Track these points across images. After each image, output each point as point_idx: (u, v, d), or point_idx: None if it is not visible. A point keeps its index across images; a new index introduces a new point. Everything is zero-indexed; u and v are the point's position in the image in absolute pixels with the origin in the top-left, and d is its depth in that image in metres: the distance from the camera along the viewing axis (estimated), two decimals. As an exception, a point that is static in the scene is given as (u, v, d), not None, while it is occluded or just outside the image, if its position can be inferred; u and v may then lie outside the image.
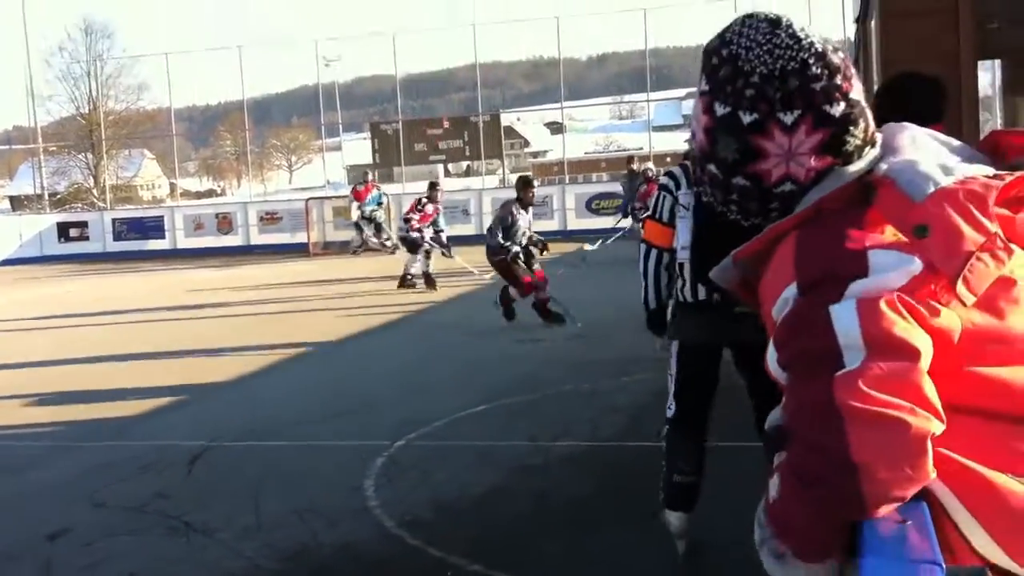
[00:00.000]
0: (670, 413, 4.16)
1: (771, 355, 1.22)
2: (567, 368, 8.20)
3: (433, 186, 14.82)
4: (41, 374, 9.36)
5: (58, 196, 36.22)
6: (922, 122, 1.41)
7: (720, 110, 1.33)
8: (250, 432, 6.70)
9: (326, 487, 5.44)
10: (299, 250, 23.74)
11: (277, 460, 6.05)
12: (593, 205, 23.16)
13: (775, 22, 1.32)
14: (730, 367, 4.16)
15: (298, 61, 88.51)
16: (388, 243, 21.44)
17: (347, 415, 7.08)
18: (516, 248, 10.42)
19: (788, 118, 1.28)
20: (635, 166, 18.73)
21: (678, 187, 4.07)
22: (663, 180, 4.20)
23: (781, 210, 1.34)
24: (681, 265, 4.05)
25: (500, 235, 10.46)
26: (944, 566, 0.91)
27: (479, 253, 19.71)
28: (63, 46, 41.79)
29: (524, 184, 10.92)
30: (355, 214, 22.02)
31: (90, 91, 40.46)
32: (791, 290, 1.20)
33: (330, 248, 23.63)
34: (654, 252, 4.19)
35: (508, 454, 5.85)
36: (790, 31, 1.31)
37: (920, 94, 3.21)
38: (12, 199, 56.15)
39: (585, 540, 4.44)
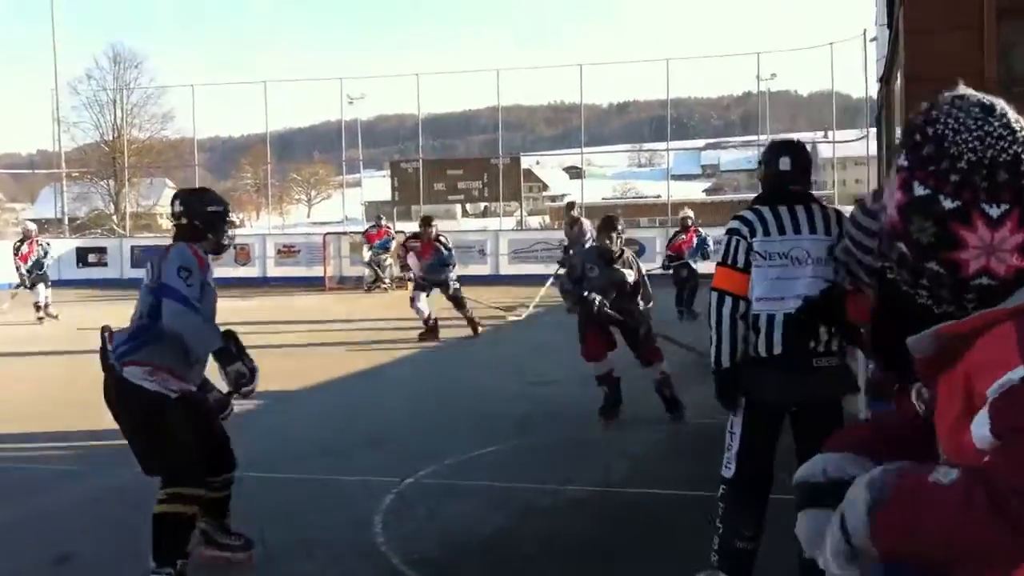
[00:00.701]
0: (728, 474, 3.90)
1: (981, 422, 1.24)
2: (578, 411, 8.19)
3: (427, 221, 13.62)
4: (55, 398, 9.40)
5: (78, 221, 36.53)
6: None
7: (919, 190, 1.28)
8: (260, 464, 6.69)
9: (334, 522, 5.45)
10: (315, 283, 23.85)
11: (286, 493, 6.07)
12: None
13: (989, 108, 1.27)
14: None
15: (322, 97, 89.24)
16: (385, 284, 22.52)
17: (357, 450, 7.09)
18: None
19: (994, 211, 1.24)
20: (575, 212, 17.01)
21: (753, 233, 3.80)
22: (734, 224, 3.88)
23: (978, 302, 1.30)
24: (756, 317, 3.79)
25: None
26: None
27: (491, 292, 19.79)
28: (91, 74, 42.48)
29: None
30: (367, 254, 22.91)
31: (115, 119, 41.04)
32: (1017, 372, 1.21)
33: (345, 283, 23.78)
34: (729, 300, 3.80)
35: (517, 496, 5.85)
36: (1004, 120, 1.26)
37: None
38: (34, 222, 56.63)
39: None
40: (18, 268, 16.62)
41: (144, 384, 4.35)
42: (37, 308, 16.65)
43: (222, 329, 4.46)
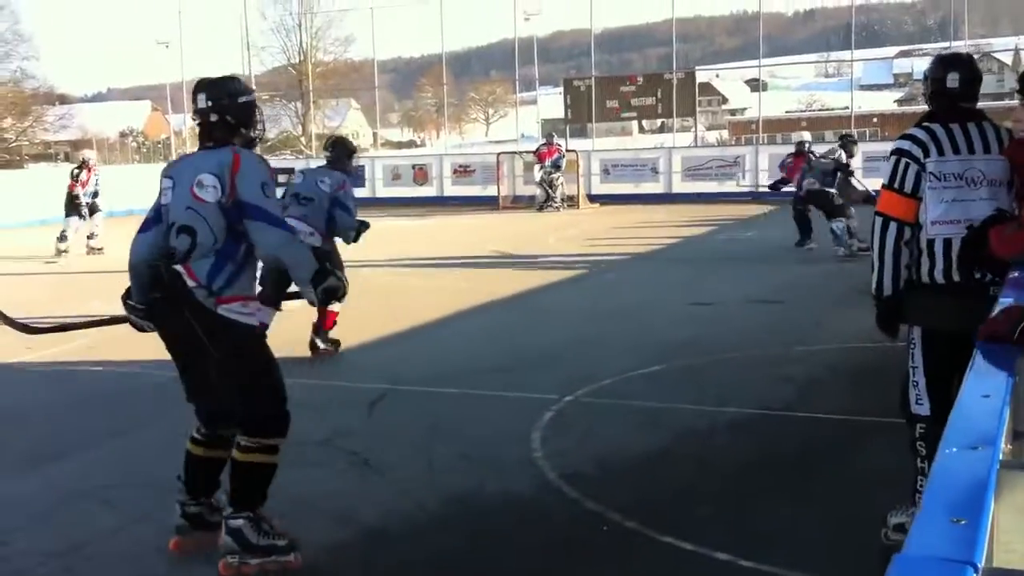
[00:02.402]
0: (923, 411, 3.71)
1: None
2: (740, 334, 8.15)
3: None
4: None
5: (269, 143, 38.17)
6: None
7: None
8: (428, 378, 7.02)
9: (494, 436, 5.67)
10: (490, 203, 24.25)
11: (451, 407, 6.34)
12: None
13: None
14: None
15: (498, 15, 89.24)
16: (557, 203, 22.43)
17: (521, 368, 7.30)
18: None
19: None
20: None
21: (927, 153, 3.62)
22: (904, 144, 3.69)
23: None
24: (932, 242, 3.62)
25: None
26: (979, 567, 0.96)
27: (663, 211, 19.59)
28: (276, -1, 43.86)
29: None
30: (538, 174, 22.78)
31: (300, 43, 42.33)
32: None
33: (519, 202, 24.04)
34: (893, 226, 3.65)
35: (674, 417, 5.91)
36: None
37: None
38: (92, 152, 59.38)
39: (743, 510, 4.46)
40: (77, 196, 15.94)
41: (241, 320, 3.86)
42: (90, 237, 16.10)
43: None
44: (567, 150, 23.67)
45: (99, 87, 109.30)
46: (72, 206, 15.90)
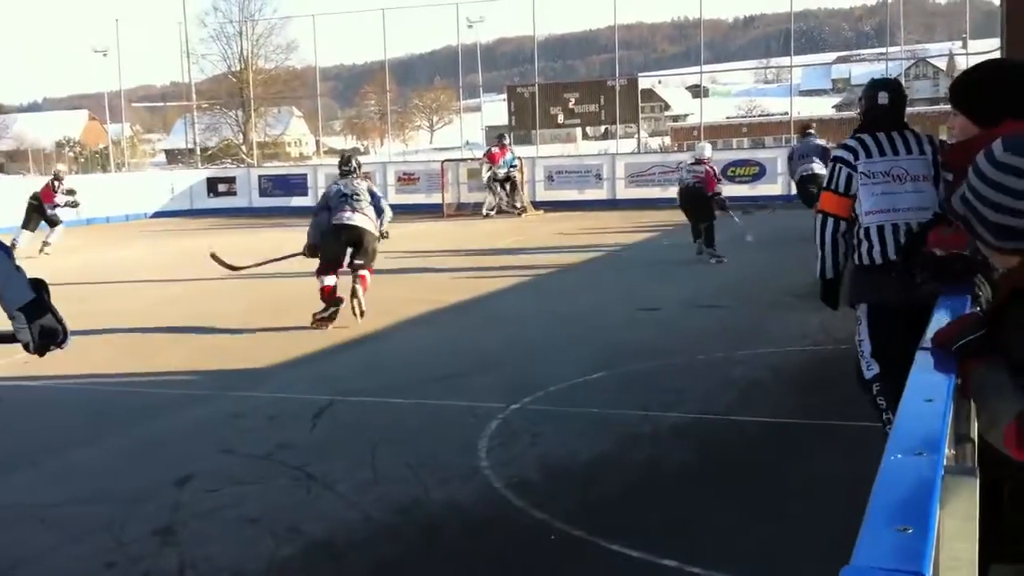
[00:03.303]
0: (871, 373, 4.20)
1: None
2: (684, 338, 8.20)
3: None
4: (178, 324, 9.83)
5: (209, 152, 37.73)
6: None
7: None
8: (373, 389, 6.95)
9: (441, 445, 5.63)
10: (434, 211, 24.15)
11: (396, 417, 6.27)
12: (729, 172, 22.71)
13: None
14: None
15: (442, 22, 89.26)
16: (518, 205, 21.92)
17: (466, 376, 7.26)
18: None
19: None
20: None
21: (856, 157, 4.29)
22: (838, 153, 4.42)
23: None
24: (868, 229, 4.23)
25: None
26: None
27: (609, 218, 19.69)
28: (217, 6, 43.50)
29: None
30: (486, 176, 22.49)
31: (241, 50, 41.97)
32: None
33: (463, 210, 23.97)
34: (831, 221, 4.38)
35: (620, 423, 5.91)
36: None
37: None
38: (168, 152, 58.80)
39: (690, 513, 4.48)
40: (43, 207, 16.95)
41: None
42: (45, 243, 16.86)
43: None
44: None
45: (34, 96, 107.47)
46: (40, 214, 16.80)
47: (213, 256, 10.51)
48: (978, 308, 2.33)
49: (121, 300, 11.70)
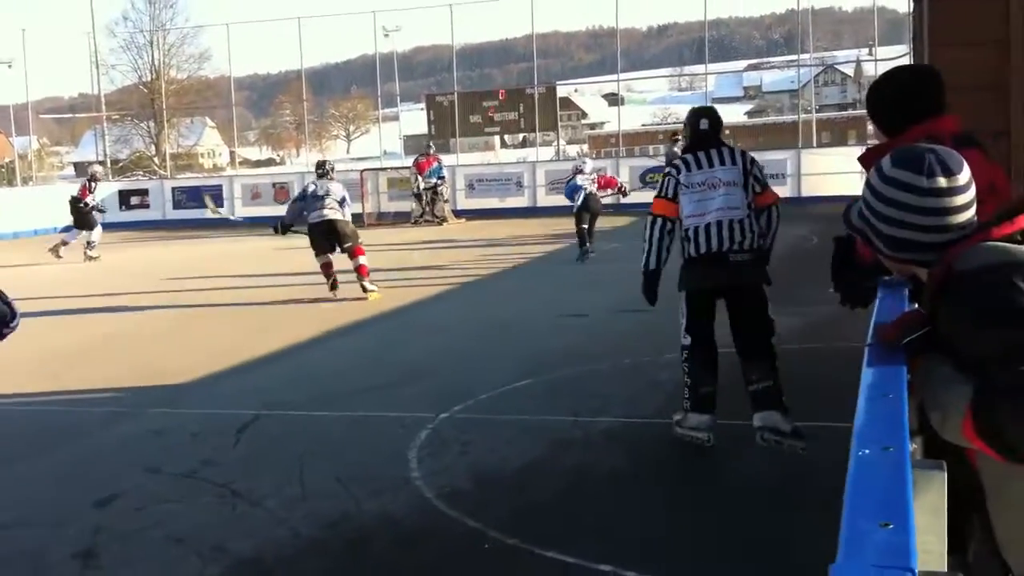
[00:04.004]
0: (687, 341, 5.35)
1: None
2: (610, 343, 8.22)
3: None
4: (95, 341, 9.59)
5: (120, 164, 36.83)
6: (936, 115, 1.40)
7: None
8: (300, 402, 6.83)
9: (370, 457, 5.55)
10: (354, 220, 23.85)
11: (323, 430, 6.17)
12: (647, 178, 22.92)
13: None
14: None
15: (358, 30, 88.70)
16: (438, 215, 21.93)
17: (394, 386, 7.17)
18: None
19: None
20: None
21: (679, 171, 5.35)
22: (669, 168, 5.51)
23: None
24: (687, 229, 5.26)
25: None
26: (916, 571, 0.93)
27: (529, 225, 19.77)
28: (127, 15, 42.55)
29: None
30: (415, 185, 22.53)
31: (152, 60, 41.12)
32: None
33: (384, 219, 23.79)
34: (660, 220, 5.36)
35: (549, 429, 5.90)
36: None
37: (931, 87, 2.98)
38: (76, 165, 57.25)
39: (622, 519, 4.47)
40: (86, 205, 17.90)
41: None
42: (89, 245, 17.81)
43: None
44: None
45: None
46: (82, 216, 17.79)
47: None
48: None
49: (37, 317, 11.31)
